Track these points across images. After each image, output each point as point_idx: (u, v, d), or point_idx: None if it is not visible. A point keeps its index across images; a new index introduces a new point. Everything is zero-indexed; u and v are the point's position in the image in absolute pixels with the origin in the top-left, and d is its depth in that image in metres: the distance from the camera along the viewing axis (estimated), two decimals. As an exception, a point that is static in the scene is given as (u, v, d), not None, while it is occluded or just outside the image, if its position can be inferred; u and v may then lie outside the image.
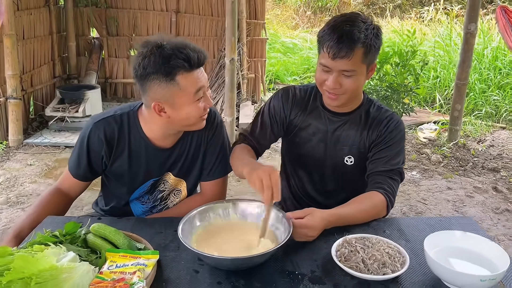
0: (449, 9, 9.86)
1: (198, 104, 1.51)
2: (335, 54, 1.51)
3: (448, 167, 4.21)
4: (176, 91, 1.46)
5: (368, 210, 1.56)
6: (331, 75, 1.56)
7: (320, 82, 1.62)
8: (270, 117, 1.80)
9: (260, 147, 1.82)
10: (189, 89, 1.47)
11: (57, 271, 1.10)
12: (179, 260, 1.34)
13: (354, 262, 1.29)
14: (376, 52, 1.58)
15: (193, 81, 1.48)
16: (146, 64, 1.44)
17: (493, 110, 5.63)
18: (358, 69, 1.55)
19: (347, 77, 1.55)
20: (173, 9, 5.75)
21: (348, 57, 1.50)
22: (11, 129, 4.41)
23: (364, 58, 1.54)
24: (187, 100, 1.49)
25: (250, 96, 5.95)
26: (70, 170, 1.65)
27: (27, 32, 4.85)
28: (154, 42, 1.46)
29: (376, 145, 1.70)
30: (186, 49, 1.45)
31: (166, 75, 1.44)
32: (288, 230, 1.34)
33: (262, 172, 1.38)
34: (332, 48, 1.51)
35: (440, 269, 1.21)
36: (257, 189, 1.38)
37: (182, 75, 1.45)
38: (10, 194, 3.43)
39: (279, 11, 11.44)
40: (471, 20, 4.39)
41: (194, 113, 1.52)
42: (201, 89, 1.50)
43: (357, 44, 1.50)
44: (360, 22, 1.53)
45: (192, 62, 1.45)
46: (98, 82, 5.63)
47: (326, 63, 1.55)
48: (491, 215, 3.31)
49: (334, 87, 1.56)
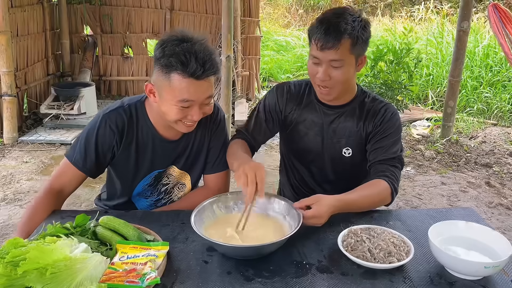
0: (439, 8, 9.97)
1: (182, 110, 1.47)
2: (323, 45, 1.56)
3: (441, 163, 4.27)
4: (166, 85, 1.46)
5: (373, 197, 1.59)
6: (321, 67, 1.60)
7: (312, 75, 1.66)
8: (266, 113, 1.83)
9: (255, 142, 1.85)
10: (176, 93, 1.44)
11: (71, 261, 1.11)
12: (188, 251, 1.36)
13: (361, 251, 1.32)
14: (364, 44, 1.61)
15: (183, 89, 1.44)
16: (157, 48, 1.46)
17: (484, 107, 5.71)
18: (346, 59, 1.58)
19: (336, 68, 1.59)
20: (167, 6, 5.74)
21: (336, 48, 1.55)
22: (6, 126, 4.38)
23: (352, 49, 1.58)
24: (170, 100, 1.47)
25: (244, 93, 5.97)
26: (75, 163, 1.60)
27: (20, 29, 4.81)
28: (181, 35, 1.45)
29: (374, 135, 1.73)
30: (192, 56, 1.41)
31: (163, 66, 1.44)
32: (297, 220, 1.37)
33: (248, 167, 1.41)
34: (320, 39, 1.56)
35: (445, 257, 1.25)
36: (241, 184, 1.41)
37: (177, 75, 1.43)
38: (7, 191, 3.41)
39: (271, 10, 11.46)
40: (464, 18, 4.45)
41: (172, 115, 1.49)
42: (188, 101, 1.46)
43: (344, 35, 1.54)
44: (347, 15, 1.58)
45: (188, 69, 1.41)
46: (92, 80, 5.61)
47: (315, 54, 1.60)
48: (484, 209, 3.36)
49: (324, 78, 1.60)
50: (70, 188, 1.65)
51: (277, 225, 1.47)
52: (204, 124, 1.68)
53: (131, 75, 6.00)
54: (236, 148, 1.73)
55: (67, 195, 1.66)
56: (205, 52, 1.43)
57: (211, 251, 1.36)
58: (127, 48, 5.98)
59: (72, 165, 1.60)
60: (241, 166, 1.44)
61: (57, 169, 1.66)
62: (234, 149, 1.72)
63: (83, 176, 1.63)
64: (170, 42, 1.44)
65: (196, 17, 5.79)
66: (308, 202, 1.44)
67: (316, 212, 1.42)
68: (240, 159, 1.55)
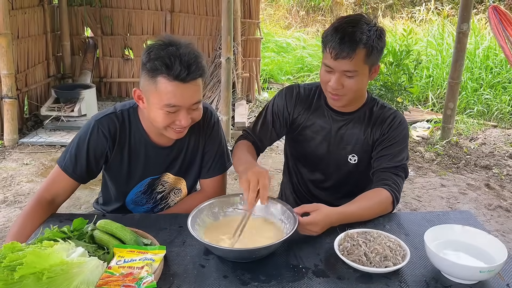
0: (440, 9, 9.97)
1: (168, 114, 1.46)
2: (337, 55, 1.54)
3: (441, 164, 4.27)
4: (152, 89, 1.45)
5: (374, 207, 1.58)
6: (333, 75, 1.59)
7: (324, 82, 1.65)
8: (273, 115, 1.83)
9: (261, 144, 1.85)
10: (162, 97, 1.43)
11: (68, 265, 1.12)
12: (184, 255, 1.36)
13: (357, 255, 1.32)
14: (379, 53, 1.60)
15: (169, 93, 1.42)
16: (144, 53, 1.46)
17: (484, 109, 5.71)
18: (360, 69, 1.57)
19: (349, 78, 1.58)
20: (167, 8, 5.75)
21: (350, 58, 1.53)
22: (7, 128, 4.39)
23: (367, 59, 1.56)
24: (157, 104, 1.46)
25: (244, 95, 5.97)
26: (65, 169, 1.58)
27: (21, 31, 4.82)
28: (168, 39, 1.46)
29: (380, 143, 1.72)
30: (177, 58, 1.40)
31: (149, 70, 1.43)
32: (293, 224, 1.37)
33: (251, 173, 1.41)
34: (334, 48, 1.54)
35: (440, 261, 1.25)
36: (244, 190, 1.41)
37: (163, 78, 1.42)
38: (7, 193, 3.42)
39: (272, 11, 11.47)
40: (463, 20, 4.45)
41: (159, 120, 1.48)
42: (174, 106, 1.45)
43: (359, 45, 1.53)
44: (363, 23, 1.56)
45: (172, 72, 1.40)
46: (93, 82, 5.62)
47: (328, 63, 1.58)
48: (484, 212, 3.37)
49: (337, 87, 1.59)
50: (62, 197, 1.63)
51: (274, 228, 1.48)
52: (198, 128, 1.68)
53: (132, 77, 6.02)
54: (242, 150, 1.73)
55: (60, 203, 1.63)
56: (190, 55, 1.42)
57: (207, 255, 1.36)
58: (128, 49, 5.99)
59: (62, 171, 1.59)
60: (246, 172, 1.44)
61: (48, 176, 1.63)
62: (240, 152, 1.72)
63: (73, 183, 1.61)
64: (156, 47, 1.44)
65: (197, 19, 5.80)
66: (309, 209, 1.44)
67: (312, 219, 1.42)
68: (246, 164, 1.55)
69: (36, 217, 1.55)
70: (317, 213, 1.43)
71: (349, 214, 1.53)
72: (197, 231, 1.38)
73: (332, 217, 1.46)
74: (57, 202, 1.63)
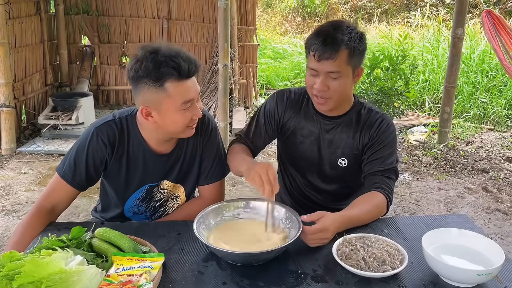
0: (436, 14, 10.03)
1: (185, 113, 1.52)
2: (321, 56, 1.58)
3: (439, 168, 4.28)
4: (164, 97, 1.48)
5: (372, 211, 1.60)
6: (318, 78, 1.62)
7: (309, 86, 1.68)
8: (265, 119, 1.86)
9: (254, 148, 1.87)
10: (177, 98, 1.48)
11: (67, 274, 1.12)
12: (183, 262, 1.37)
13: (355, 260, 1.32)
14: (360, 55, 1.63)
15: (182, 91, 1.49)
16: (138, 68, 1.47)
17: (481, 112, 5.74)
18: (344, 70, 1.60)
19: (333, 79, 1.61)
20: (164, 16, 5.78)
21: (333, 58, 1.57)
22: (4, 137, 4.39)
23: (349, 60, 1.60)
24: (173, 108, 1.50)
25: (242, 101, 5.99)
26: (64, 177, 1.59)
27: (18, 40, 4.83)
28: (150, 47, 1.49)
29: (370, 147, 1.74)
30: (178, 58, 1.46)
31: (155, 81, 1.46)
32: (297, 228, 1.39)
33: (260, 168, 1.45)
34: (317, 50, 1.58)
35: (438, 265, 1.26)
36: (257, 184, 1.44)
37: (171, 82, 1.47)
38: (5, 202, 3.42)
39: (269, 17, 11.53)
40: (458, 25, 4.49)
41: (180, 122, 1.53)
42: (190, 101, 1.52)
43: (341, 46, 1.57)
44: (344, 27, 1.60)
45: (181, 72, 1.46)
46: (91, 90, 5.63)
47: (312, 65, 1.62)
48: (482, 215, 3.37)
49: (322, 89, 1.62)
50: (62, 205, 1.63)
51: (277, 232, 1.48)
52: (195, 135, 1.69)
53: (129, 85, 6.01)
54: (239, 153, 1.75)
55: (60, 211, 1.64)
56: (183, 52, 1.50)
57: (206, 262, 1.37)
58: (125, 57, 6.01)
59: (61, 179, 1.59)
60: (252, 169, 1.47)
61: (48, 185, 1.64)
62: (237, 154, 1.74)
63: (73, 191, 1.61)
64: (146, 57, 1.46)
65: (193, 26, 5.83)
66: (313, 218, 1.44)
67: (322, 226, 1.41)
68: (248, 162, 1.59)
69: (36, 226, 1.55)
70: (325, 219, 1.43)
71: (353, 218, 1.54)
72: (202, 235, 1.40)
73: (338, 221, 1.47)
74: (57, 211, 1.63)
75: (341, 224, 1.48)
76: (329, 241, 1.44)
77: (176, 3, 5.75)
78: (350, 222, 1.52)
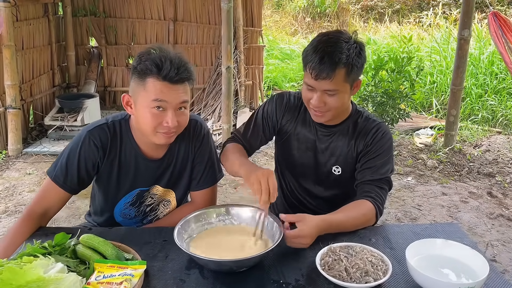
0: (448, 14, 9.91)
1: (156, 113, 1.49)
2: (317, 75, 1.54)
3: (443, 172, 4.23)
4: (141, 90, 1.50)
5: (358, 217, 1.59)
6: (315, 93, 1.60)
7: (306, 100, 1.67)
8: (263, 120, 1.85)
9: (250, 147, 1.87)
10: (150, 94, 1.48)
11: (44, 282, 1.13)
12: (166, 270, 1.37)
13: (337, 270, 1.31)
14: (359, 70, 1.60)
15: (158, 90, 1.47)
16: (135, 59, 1.52)
17: (489, 115, 5.65)
18: (341, 88, 1.58)
19: (330, 96, 1.59)
20: (170, 17, 5.80)
21: (330, 78, 1.54)
22: (11, 138, 4.45)
23: (347, 78, 1.57)
24: (145, 102, 1.50)
25: (248, 103, 5.99)
26: (56, 180, 1.59)
27: (26, 42, 4.90)
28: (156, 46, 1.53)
29: (364, 155, 1.73)
30: (166, 59, 1.47)
31: (139, 72, 1.49)
32: (278, 236, 1.38)
33: (261, 174, 1.44)
34: (314, 69, 1.54)
35: (421, 277, 1.24)
36: (255, 190, 1.44)
37: (152, 79, 1.47)
38: (8, 203, 3.47)
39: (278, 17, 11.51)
40: (464, 26, 4.43)
41: (149, 121, 1.50)
42: (162, 101, 1.48)
43: (339, 65, 1.53)
44: (342, 42, 1.55)
45: (161, 72, 1.46)
46: (97, 91, 5.69)
47: (309, 82, 1.60)
48: (485, 220, 3.32)
49: (319, 105, 1.61)
50: (54, 209, 1.64)
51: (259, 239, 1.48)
52: (187, 140, 1.70)
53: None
54: (236, 152, 1.74)
55: (51, 215, 1.65)
56: (180, 59, 1.50)
57: (189, 270, 1.37)
58: (132, 59, 6.05)
59: (53, 182, 1.60)
60: (253, 173, 1.46)
61: (40, 189, 1.65)
62: (233, 153, 1.74)
63: (65, 194, 1.62)
64: (147, 52, 1.50)
65: (199, 27, 5.85)
66: (293, 219, 1.44)
67: (300, 232, 1.42)
68: (248, 165, 1.58)
69: (25, 231, 1.56)
70: (304, 224, 1.43)
71: (335, 222, 1.53)
72: (184, 242, 1.40)
73: (319, 225, 1.46)
74: (49, 215, 1.64)
75: (321, 228, 1.47)
76: (311, 245, 1.44)
77: (182, 5, 5.78)
78: (331, 226, 1.51)
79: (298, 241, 1.42)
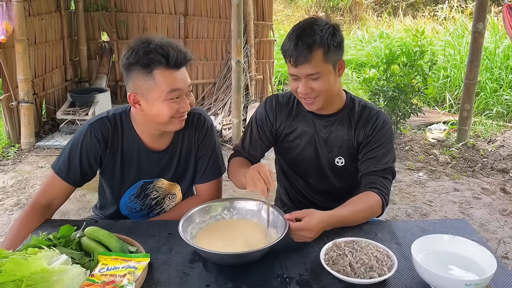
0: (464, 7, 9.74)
1: (171, 103, 1.52)
2: (296, 61, 1.55)
3: (456, 168, 4.17)
4: (151, 85, 1.49)
5: (365, 210, 1.58)
6: (300, 82, 1.60)
7: (294, 91, 1.67)
8: (258, 128, 1.84)
9: (253, 159, 1.86)
10: (163, 87, 1.49)
11: (48, 273, 1.13)
12: (170, 263, 1.37)
13: (342, 265, 1.30)
14: (337, 49, 1.59)
15: (170, 80, 1.50)
16: (129, 56, 1.50)
17: (504, 110, 5.55)
18: (323, 69, 1.57)
19: (315, 80, 1.58)
20: (181, 12, 5.80)
21: (308, 61, 1.54)
22: (23, 132, 4.51)
23: (325, 58, 1.56)
24: (160, 97, 1.50)
25: (258, 97, 5.97)
26: (59, 173, 1.62)
27: (38, 37, 4.95)
28: (144, 37, 1.52)
29: (366, 145, 1.71)
30: (168, 47, 1.48)
31: (144, 67, 1.48)
32: (282, 230, 1.37)
33: (251, 171, 1.47)
34: (292, 56, 1.56)
35: (426, 273, 1.22)
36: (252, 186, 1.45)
37: (159, 70, 1.48)
38: (20, 196, 3.51)
39: (290, 12, 11.45)
40: (479, 19, 4.34)
41: (166, 112, 1.52)
42: (177, 90, 1.52)
43: (314, 46, 1.53)
44: (313, 25, 1.56)
45: (170, 60, 1.47)
46: (109, 85, 5.73)
47: (292, 71, 1.60)
48: (497, 217, 3.26)
49: (306, 92, 1.60)
50: (58, 201, 1.65)
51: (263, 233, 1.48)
52: (190, 133, 1.70)
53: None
54: (239, 166, 1.76)
55: (56, 208, 1.66)
56: (174, 42, 1.52)
57: (193, 263, 1.37)
58: (143, 53, 6.07)
59: (56, 175, 1.62)
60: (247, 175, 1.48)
61: (44, 182, 1.67)
62: (237, 168, 1.75)
63: (68, 187, 1.64)
64: (138, 46, 1.49)
65: (210, 22, 5.84)
66: (299, 215, 1.44)
67: (306, 225, 1.41)
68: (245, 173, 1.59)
69: (31, 223, 1.58)
70: (310, 218, 1.42)
71: (342, 217, 1.52)
72: (188, 235, 1.40)
73: (325, 220, 1.45)
74: (53, 207, 1.66)
75: (328, 224, 1.46)
76: (315, 239, 1.43)
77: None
78: (339, 221, 1.50)
79: (302, 234, 1.41)
